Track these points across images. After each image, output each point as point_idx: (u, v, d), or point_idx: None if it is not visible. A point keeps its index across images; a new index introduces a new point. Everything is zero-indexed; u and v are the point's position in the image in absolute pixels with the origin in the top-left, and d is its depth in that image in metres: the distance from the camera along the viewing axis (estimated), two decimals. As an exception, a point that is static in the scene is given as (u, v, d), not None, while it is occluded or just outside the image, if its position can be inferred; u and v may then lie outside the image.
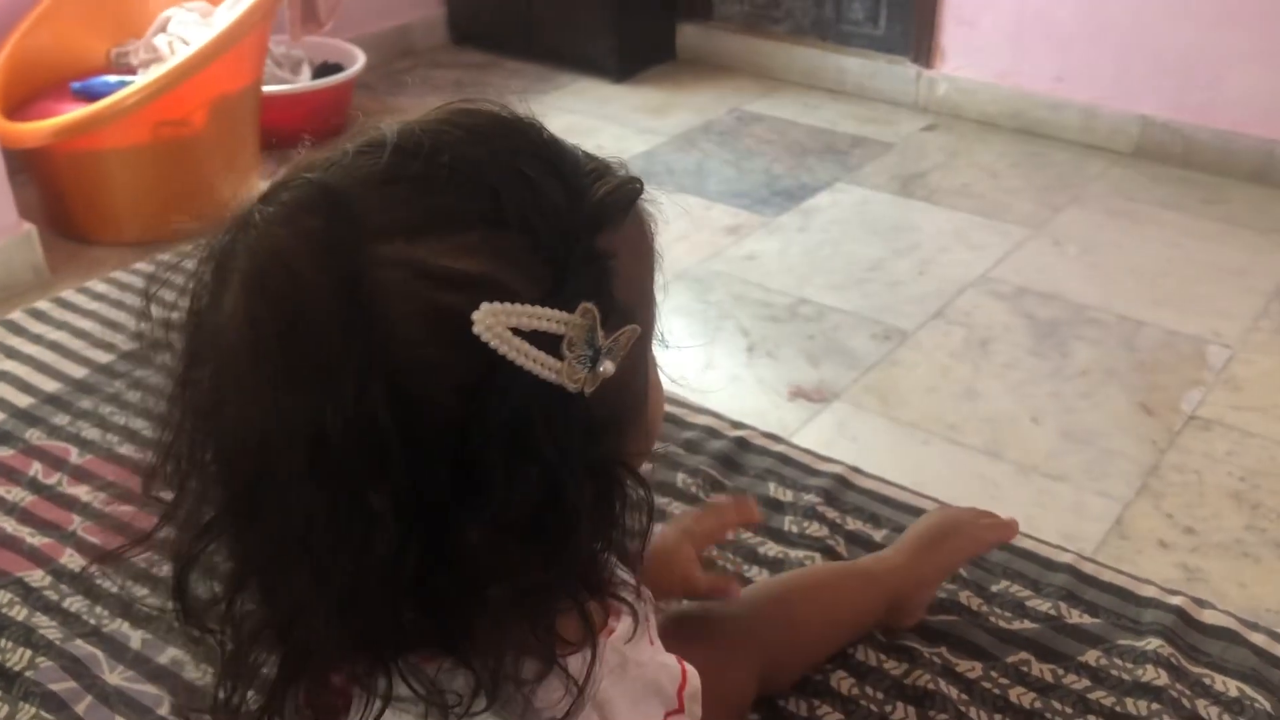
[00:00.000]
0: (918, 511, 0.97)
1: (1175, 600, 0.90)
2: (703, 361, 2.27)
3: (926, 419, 2.13)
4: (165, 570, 0.50)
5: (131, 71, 2.80)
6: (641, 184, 0.56)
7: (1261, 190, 3.01)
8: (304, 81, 3.09)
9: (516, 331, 0.45)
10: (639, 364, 0.55)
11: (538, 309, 0.46)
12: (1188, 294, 2.55)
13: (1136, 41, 3.11)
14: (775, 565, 0.93)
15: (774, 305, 2.44)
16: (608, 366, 0.48)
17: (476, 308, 0.45)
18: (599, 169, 0.55)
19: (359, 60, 3.17)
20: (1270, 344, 2.37)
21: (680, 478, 1.02)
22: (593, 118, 3.40)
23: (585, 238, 0.50)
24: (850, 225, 2.81)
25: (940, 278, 2.60)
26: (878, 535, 0.95)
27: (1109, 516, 1.89)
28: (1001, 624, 0.87)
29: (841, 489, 1.02)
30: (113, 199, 2.60)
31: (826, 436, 2.07)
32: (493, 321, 0.45)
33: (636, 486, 0.51)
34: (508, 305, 0.46)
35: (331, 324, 0.44)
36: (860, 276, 2.59)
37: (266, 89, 2.86)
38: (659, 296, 0.59)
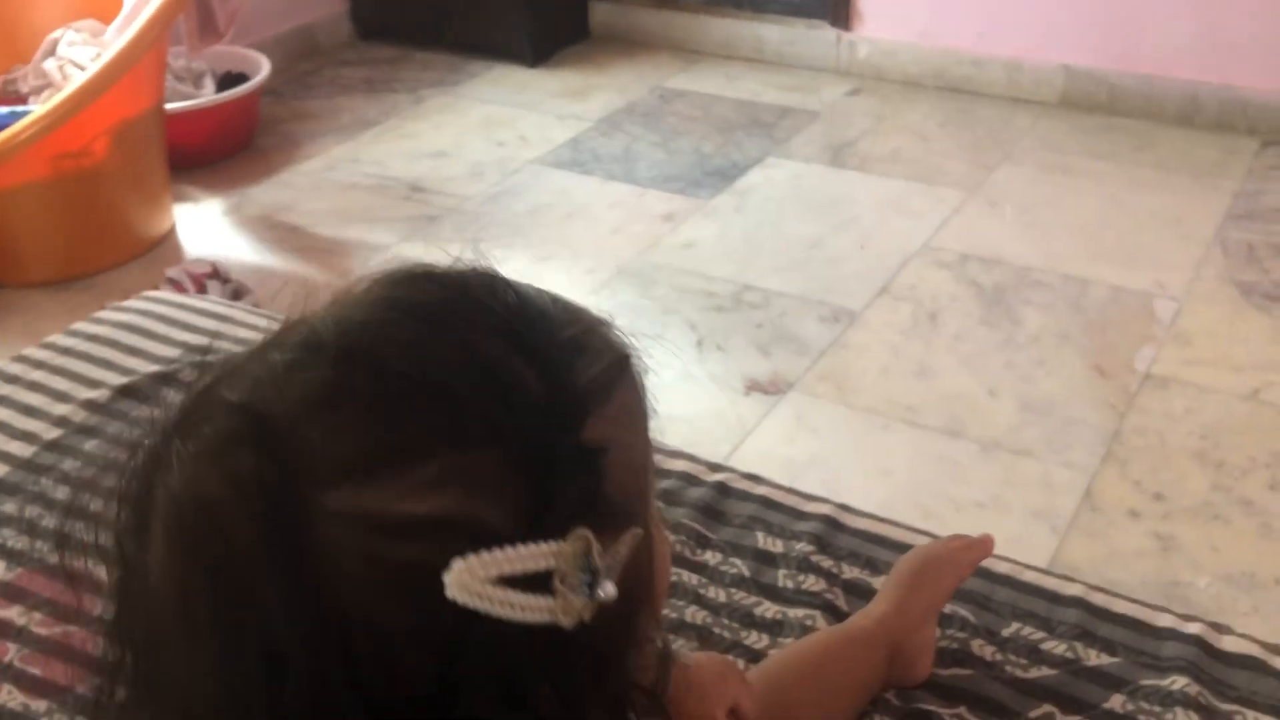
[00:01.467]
0: (911, 547, 0.92)
1: (1193, 629, 0.86)
2: (651, 360, 2.20)
3: (884, 402, 2.09)
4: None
5: (21, 100, 2.64)
6: (631, 346, 0.48)
7: (1188, 133, 3.02)
8: (208, 95, 2.96)
9: (499, 579, 0.38)
10: (643, 554, 0.45)
11: (520, 550, 0.38)
12: (1128, 247, 2.54)
13: (1054, -10, 3.09)
14: (773, 628, 0.88)
15: (718, 295, 2.39)
16: (609, 589, 0.40)
17: (444, 561, 0.37)
18: (578, 331, 0.47)
19: (264, 67, 3.04)
20: (1215, 293, 2.37)
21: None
22: (512, 106, 3.30)
23: (570, 432, 0.42)
24: (786, 203, 2.75)
25: (881, 251, 2.56)
26: (876, 581, 0.90)
27: (1077, 489, 1.87)
28: (1018, 673, 0.83)
29: (833, 532, 0.97)
30: (16, 240, 2.46)
31: (786, 431, 2.03)
32: (468, 579, 0.37)
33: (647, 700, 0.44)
34: (484, 556, 0.38)
35: (271, 591, 0.36)
36: (801, 256, 2.54)
37: (170, 106, 2.72)
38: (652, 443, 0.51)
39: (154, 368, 1.21)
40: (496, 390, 0.41)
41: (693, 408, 2.09)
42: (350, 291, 0.46)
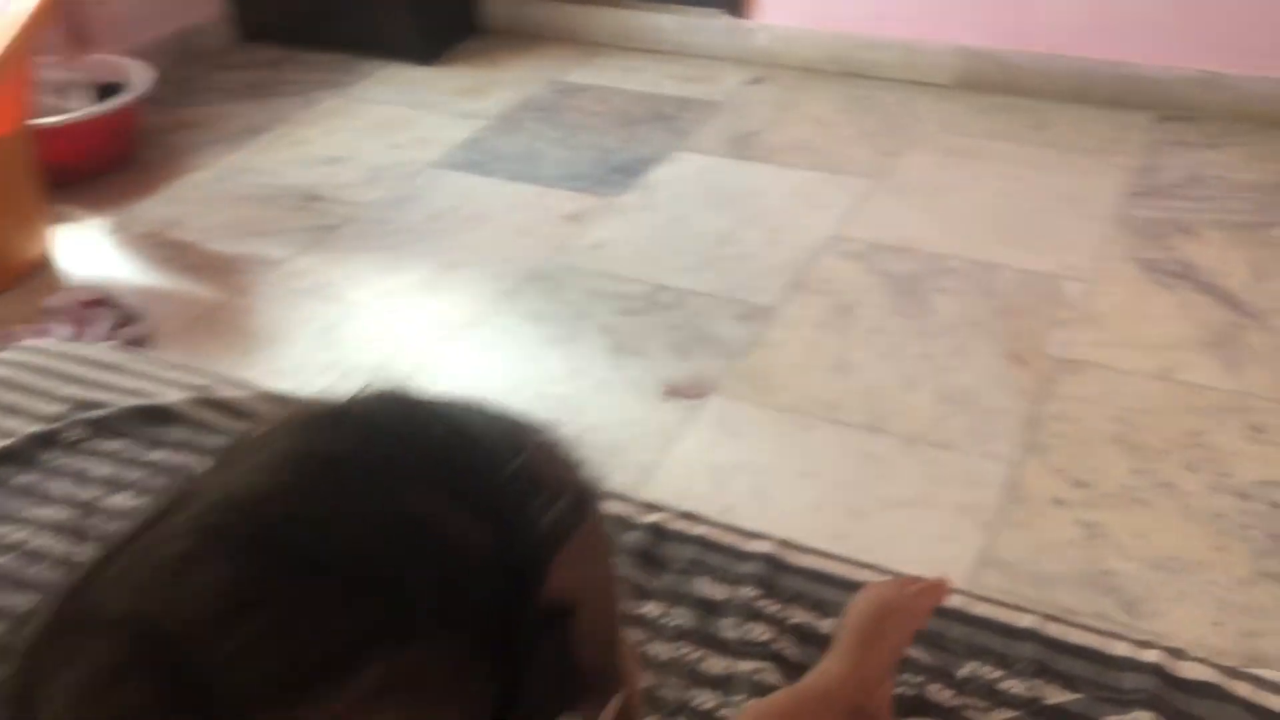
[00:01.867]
0: (857, 585, 0.89)
1: (1150, 657, 0.84)
2: (568, 369, 2.15)
3: (805, 401, 2.07)
4: None
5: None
6: (586, 459, 0.42)
7: (1082, 110, 3.05)
8: (84, 108, 2.80)
9: None
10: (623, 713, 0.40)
11: None
12: (1034, 229, 2.56)
13: (947, -27, 3.09)
14: (722, 684, 0.84)
15: (631, 296, 2.34)
16: None
17: None
18: (525, 458, 0.39)
19: (143, 76, 2.89)
20: (1119, 272, 2.40)
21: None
22: (407, 107, 3.20)
23: (530, 595, 0.35)
24: (694, 198, 2.71)
25: (792, 244, 2.54)
26: (824, 625, 0.86)
27: (1001, 481, 1.87)
28: (979, 718, 0.80)
29: (777, 573, 0.93)
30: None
31: (710, 436, 1.99)
32: None
33: None
34: None
35: None
36: (713, 253, 2.50)
37: (45, 121, 2.57)
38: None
39: (35, 428, 1.12)
40: (436, 561, 0.34)
41: (612, 416, 2.04)
42: (242, 447, 0.39)
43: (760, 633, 0.87)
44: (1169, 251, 2.45)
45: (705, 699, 0.83)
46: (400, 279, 2.45)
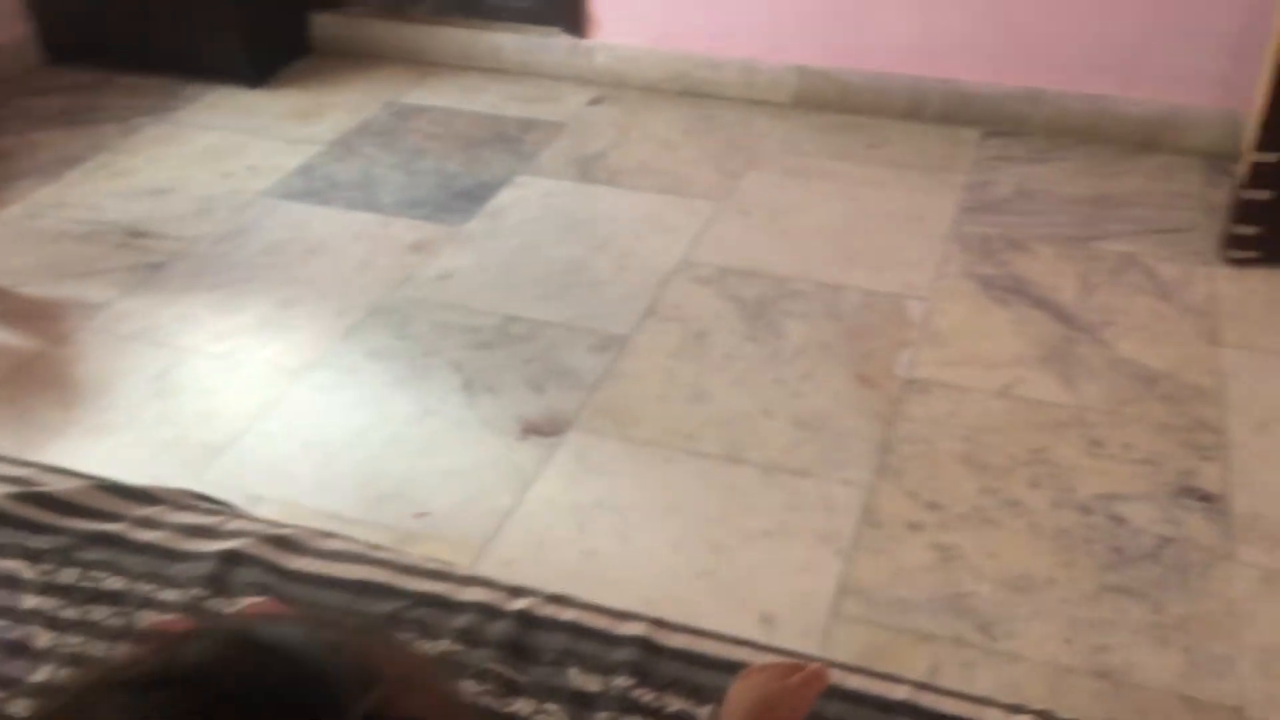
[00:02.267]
0: (733, 665, 0.87)
1: (1024, 721, 0.85)
2: (418, 409, 2.09)
3: (663, 434, 2.06)
4: None
5: None
6: (430, 658, 0.38)
7: (916, 126, 3.14)
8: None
9: None
10: None
11: None
12: (874, 248, 2.61)
13: (782, -7, 3.14)
14: (604, 783, 0.80)
15: (482, 330, 2.29)
16: None
17: None
18: (380, 699, 0.36)
19: None
20: (958, 290, 2.47)
21: (466, 685, 0.87)
22: (236, 133, 3.07)
23: None
24: (541, 224, 2.68)
25: (642, 270, 2.53)
26: (702, 712, 0.84)
27: (857, 507, 1.90)
28: (864, 801, 0.79)
29: (650, 658, 0.90)
30: None
31: (569, 475, 1.96)
32: None
33: None
34: None
35: None
36: (564, 281, 2.47)
37: None
38: None
39: None
40: None
41: (468, 458, 1.99)
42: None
43: (639, 725, 0.84)
44: (1003, 267, 2.54)
45: (586, 804, 0.79)
46: (235, 319, 2.33)
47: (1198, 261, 2.55)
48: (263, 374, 2.19)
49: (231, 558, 0.95)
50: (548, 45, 3.38)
